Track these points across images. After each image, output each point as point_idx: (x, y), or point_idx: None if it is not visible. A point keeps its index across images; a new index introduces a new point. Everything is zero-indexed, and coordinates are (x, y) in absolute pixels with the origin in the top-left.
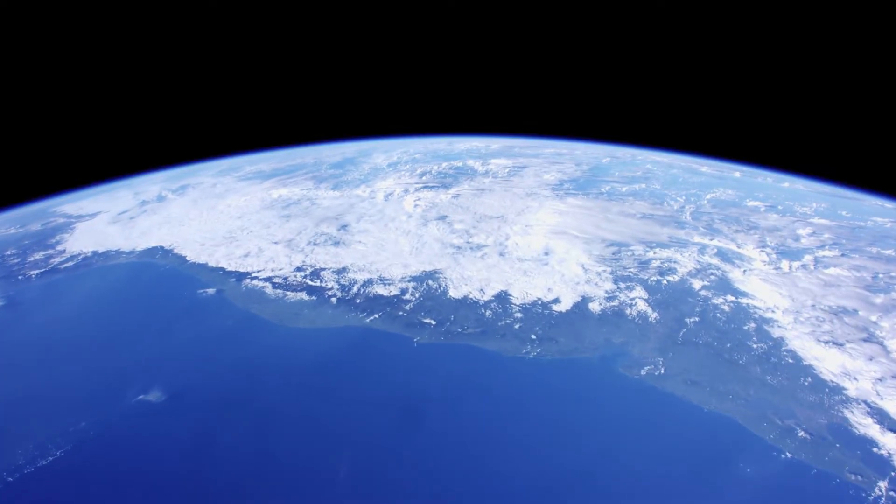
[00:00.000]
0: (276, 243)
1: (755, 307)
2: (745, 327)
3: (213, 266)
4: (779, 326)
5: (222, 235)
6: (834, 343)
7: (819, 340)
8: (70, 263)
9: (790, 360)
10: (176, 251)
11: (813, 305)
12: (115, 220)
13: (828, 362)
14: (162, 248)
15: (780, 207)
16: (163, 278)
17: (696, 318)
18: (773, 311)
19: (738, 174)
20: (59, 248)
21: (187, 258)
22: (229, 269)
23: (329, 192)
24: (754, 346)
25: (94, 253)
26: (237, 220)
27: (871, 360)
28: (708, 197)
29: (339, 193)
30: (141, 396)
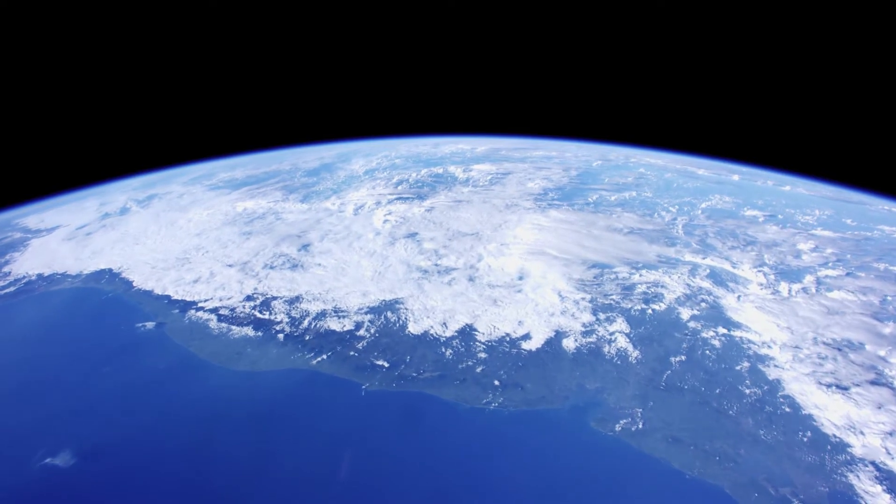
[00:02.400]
0: (230, 266)
1: (749, 341)
2: (738, 367)
3: (159, 294)
4: (775, 366)
5: (175, 256)
6: (837, 387)
7: (820, 383)
8: (11, 289)
9: (787, 409)
10: (124, 275)
11: (814, 339)
12: (71, 237)
13: (830, 411)
14: (110, 270)
15: (780, 217)
16: (101, 309)
17: (683, 357)
18: (769, 347)
19: (736, 177)
20: (6, 269)
21: (134, 284)
22: (175, 297)
23: (296, 206)
24: (747, 391)
25: (39, 276)
26: (195, 237)
27: (879, 408)
28: (703, 206)
29: (306, 206)
30: (48, 459)
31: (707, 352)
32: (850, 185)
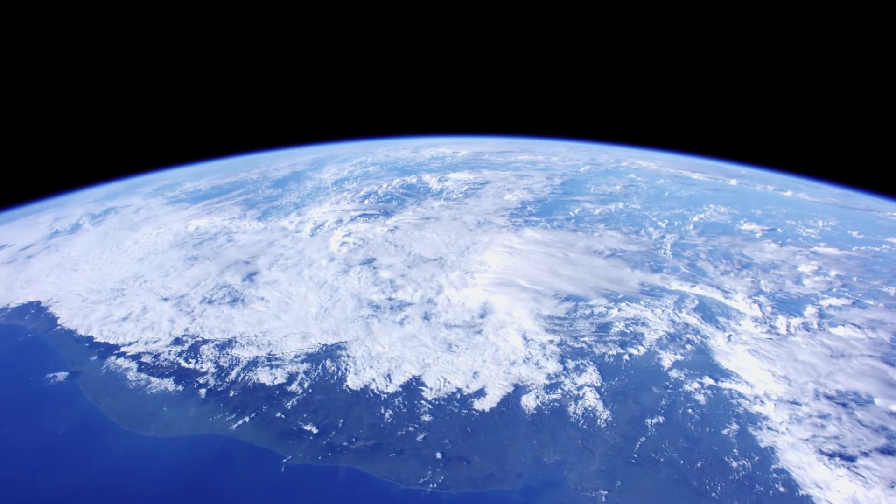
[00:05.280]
0: (165, 300)
1: (740, 396)
2: (725, 431)
3: (82, 335)
4: (769, 428)
5: (111, 287)
6: (842, 457)
7: (822, 452)
8: None
9: (781, 489)
10: (51, 309)
11: (815, 391)
12: (11, 260)
13: (834, 491)
14: (38, 303)
15: (779, 230)
16: (14, 354)
17: (661, 419)
18: (762, 403)
19: (734, 182)
20: None
21: (59, 321)
22: (98, 339)
23: (252, 224)
24: (734, 464)
25: None
26: (137, 263)
27: (893, 487)
28: (695, 219)
29: (262, 225)
30: None
31: (690, 411)
32: (856, 187)
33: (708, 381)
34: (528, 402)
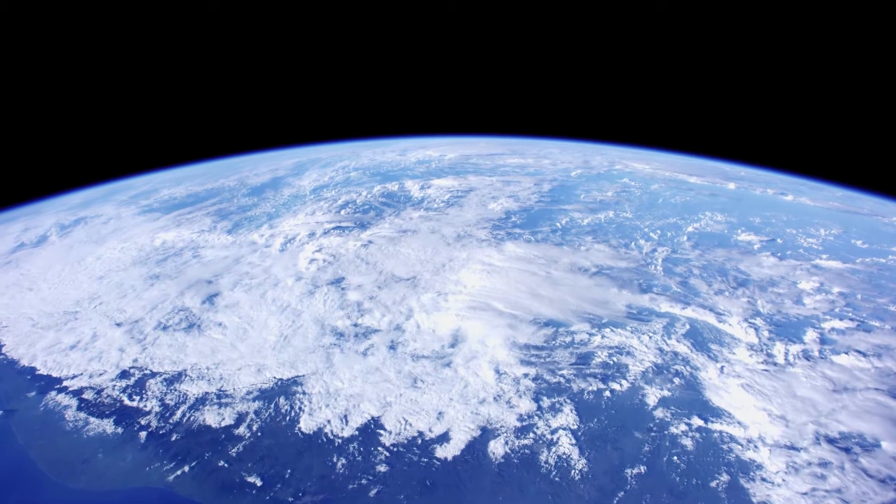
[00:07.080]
0: (118, 325)
1: (731, 439)
2: (714, 483)
3: (25, 365)
4: (763, 479)
5: (64, 310)
6: None
7: None
8: None
9: None
10: None
11: (815, 434)
12: None
13: None
14: None
15: (779, 241)
16: None
17: (642, 469)
18: (756, 448)
19: (732, 185)
20: None
21: (3, 349)
22: (41, 371)
23: (221, 238)
24: None
25: None
26: (96, 282)
27: None
28: (689, 229)
29: (231, 239)
30: None
31: (675, 458)
32: (859, 188)
33: (697, 421)
34: (496, 448)
